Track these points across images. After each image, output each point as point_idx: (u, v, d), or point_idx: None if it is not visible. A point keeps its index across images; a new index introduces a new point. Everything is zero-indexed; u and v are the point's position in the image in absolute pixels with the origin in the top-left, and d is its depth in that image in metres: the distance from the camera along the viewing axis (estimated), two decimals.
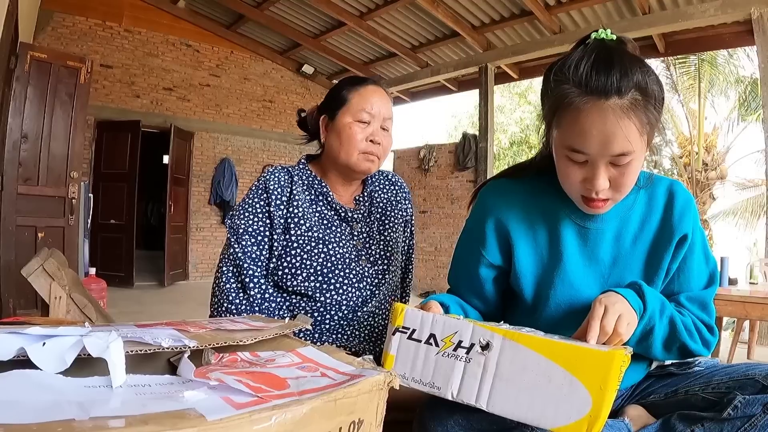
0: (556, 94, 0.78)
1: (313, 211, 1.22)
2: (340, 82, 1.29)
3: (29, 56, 3.57)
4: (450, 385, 0.72)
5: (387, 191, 1.34)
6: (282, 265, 1.16)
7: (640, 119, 0.75)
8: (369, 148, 1.19)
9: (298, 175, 1.24)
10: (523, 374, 0.68)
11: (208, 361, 0.56)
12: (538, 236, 0.92)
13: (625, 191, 0.81)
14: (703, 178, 10.27)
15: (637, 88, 0.74)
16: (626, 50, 0.79)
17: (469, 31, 6.09)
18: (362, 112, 1.19)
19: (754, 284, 3.33)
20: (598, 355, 0.66)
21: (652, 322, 0.80)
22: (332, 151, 1.21)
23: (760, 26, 4.32)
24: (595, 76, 0.74)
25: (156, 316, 4.60)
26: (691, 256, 0.89)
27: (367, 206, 1.29)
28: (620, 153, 0.75)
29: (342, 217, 1.24)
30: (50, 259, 1.57)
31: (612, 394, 0.65)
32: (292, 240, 1.17)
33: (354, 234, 1.24)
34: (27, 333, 0.48)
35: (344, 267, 1.20)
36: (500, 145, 15.38)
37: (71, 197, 3.86)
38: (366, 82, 1.25)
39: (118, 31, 6.91)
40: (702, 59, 9.37)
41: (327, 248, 1.18)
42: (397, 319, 0.77)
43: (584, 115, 0.75)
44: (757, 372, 0.77)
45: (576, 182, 0.81)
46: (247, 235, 1.16)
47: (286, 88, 8.46)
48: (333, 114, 1.22)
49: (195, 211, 7.57)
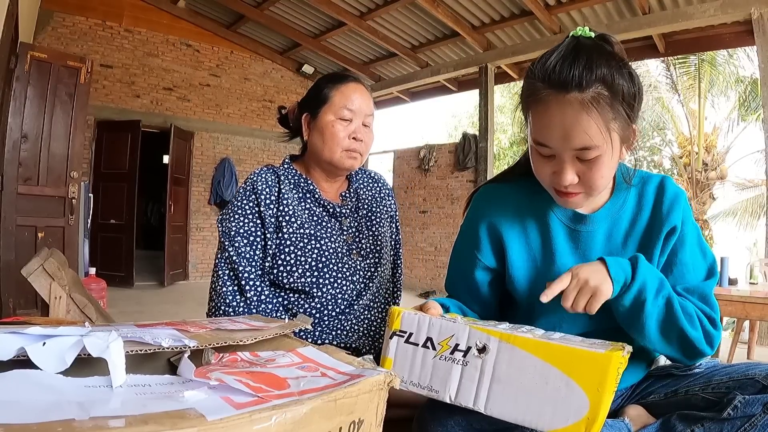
0: (526, 88, 0.81)
1: (303, 209, 1.23)
2: (319, 80, 1.29)
3: (29, 56, 3.57)
4: (448, 388, 0.72)
5: (371, 188, 1.36)
6: (277, 263, 1.18)
7: (603, 115, 0.74)
8: (352, 145, 1.21)
9: (284, 174, 1.25)
10: (520, 377, 0.68)
11: (208, 361, 0.56)
12: (530, 239, 0.92)
13: (596, 187, 0.81)
14: (703, 178, 10.27)
15: (601, 83, 0.74)
16: (600, 47, 0.78)
17: (469, 31, 6.09)
18: (344, 109, 1.20)
19: (754, 284, 3.33)
20: (595, 356, 0.66)
21: (643, 296, 0.78)
22: (316, 149, 1.23)
23: (760, 26, 4.32)
24: (558, 70, 0.75)
25: (156, 316, 4.60)
26: (683, 248, 0.87)
27: (354, 202, 1.31)
28: (581, 147, 0.76)
29: (330, 213, 1.26)
30: (50, 259, 1.57)
31: (609, 396, 0.65)
32: (285, 238, 1.18)
33: (343, 229, 1.26)
34: (27, 333, 0.48)
35: (337, 261, 1.21)
36: (500, 145, 15.38)
37: (71, 197, 3.86)
38: (347, 79, 1.25)
39: (118, 31, 6.91)
40: (702, 59, 9.37)
41: (320, 244, 1.20)
42: (394, 322, 0.77)
43: (545, 108, 0.77)
44: (757, 372, 0.77)
45: (547, 176, 0.82)
46: (239, 236, 1.16)
47: (286, 88, 8.45)
48: (315, 112, 1.23)
49: (195, 211, 7.57)
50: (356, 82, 1.26)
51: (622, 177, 0.90)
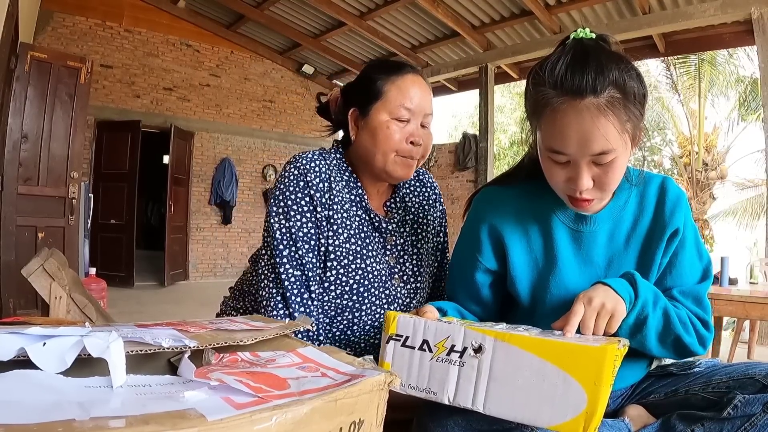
0: (535, 96, 0.79)
1: (353, 216, 1.04)
2: (371, 68, 1.08)
3: (29, 56, 3.57)
4: (446, 389, 0.72)
5: (419, 194, 1.17)
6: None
7: (619, 117, 0.74)
8: (408, 150, 1.03)
9: (336, 167, 1.05)
10: (517, 375, 0.68)
11: (209, 361, 0.56)
12: (531, 241, 0.92)
13: (610, 190, 0.81)
14: (703, 178, 10.27)
15: (614, 86, 0.74)
16: (604, 49, 0.78)
17: (469, 31, 6.09)
18: (400, 108, 1.01)
19: (754, 284, 3.33)
20: (591, 350, 0.66)
21: (645, 311, 0.79)
22: (365, 151, 1.04)
23: (760, 26, 4.32)
24: (570, 76, 0.74)
25: (156, 316, 4.60)
26: (683, 251, 0.88)
27: (401, 214, 1.13)
28: (600, 152, 0.75)
29: (375, 227, 1.07)
30: (50, 259, 1.57)
31: (607, 389, 0.65)
32: (330, 251, 1.00)
33: (387, 248, 1.09)
34: (27, 333, 0.48)
35: (379, 286, 1.04)
36: (500, 145, 15.37)
37: (71, 197, 3.86)
38: (403, 70, 1.05)
39: (118, 31, 6.91)
40: (702, 59, 9.37)
41: (364, 264, 1.02)
42: (390, 327, 0.77)
43: (561, 116, 0.76)
44: (757, 371, 0.77)
45: (561, 182, 0.81)
46: (301, 242, 0.97)
47: (286, 88, 8.46)
48: (365, 108, 1.04)
49: (195, 211, 7.57)
50: (414, 73, 1.06)
51: (625, 177, 0.90)
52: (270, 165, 8.22)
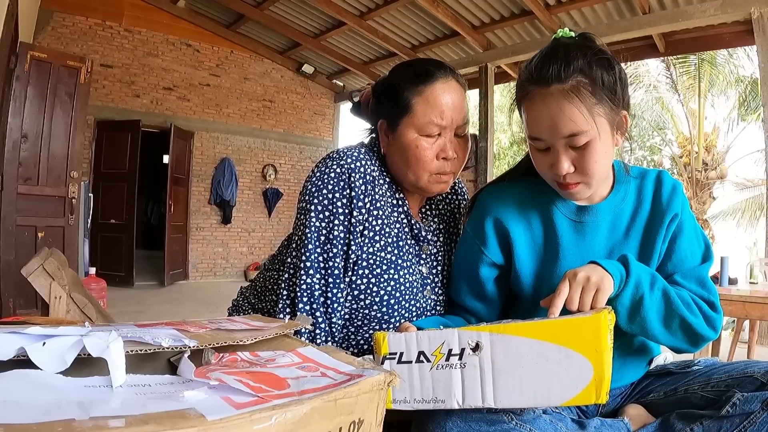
0: (517, 90, 0.87)
1: (393, 223, 0.98)
2: (397, 75, 0.98)
3: (29, 56, 3.57)
4: (453, 395, 0.72)
5: (450, 201, 1.11)
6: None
7: (585, 101, 0.79)
8: (441, 167, 0.95)
9: (378, 168, 0.97)
10: (520, 362, 0.69)
11: (208, 361, 0.56)
12: (535, 234, 0.94)
13: (593, 174, 0.83)
14: (703, 177, 10.26)
15: (580, 73, 0.79)
16: (578, 44, 0.83)
17: (469, 31, 6.09)
18: (430, 124, 0.93)
19: (754, 284, 3.32)
20: (585, 321, 0.68)
21: (640, 291, 0.79)
22: (396, 167, 0.98)
23: (760, 26, 4.31)
24: (539, 67, 0.81)
25: (156, 316, 4.60)
26: (681, 235, 0.90)
27: (436, 222, 1.07)
28: (570, 134, 0.80)
29: (414, 235, 1.01)
30: (50, 258, 1.57)
31: (609, 353, 0.67)
32: (364, 258, 0.94)
33: (422, 256, 1.02)
34: (27, 333, 0.48)
35: (410, 298, 0.98)
36: (500, 145, 15.37)
37: (71, 197, 3.86)
38: (431, 78, 0.94)
39: (118, 31, 6.90)
40: (702, 59, 9.36)
41: (398, 274, 0.96)
42: (381, 347, 0.76)
43: (531, 103, 0.83)
44: (756, 369, 0.77)
45: (546, 169, 0.86)
46: (329, 244, 0.91)
47: (286, 88, 8.45)
48: (393, 122, 0.96)
49: (195, 211, 7.57)
50: (445, 78, 0.94)
51: (624, 171, 0.94)
52: (270, 165, 8.22)
